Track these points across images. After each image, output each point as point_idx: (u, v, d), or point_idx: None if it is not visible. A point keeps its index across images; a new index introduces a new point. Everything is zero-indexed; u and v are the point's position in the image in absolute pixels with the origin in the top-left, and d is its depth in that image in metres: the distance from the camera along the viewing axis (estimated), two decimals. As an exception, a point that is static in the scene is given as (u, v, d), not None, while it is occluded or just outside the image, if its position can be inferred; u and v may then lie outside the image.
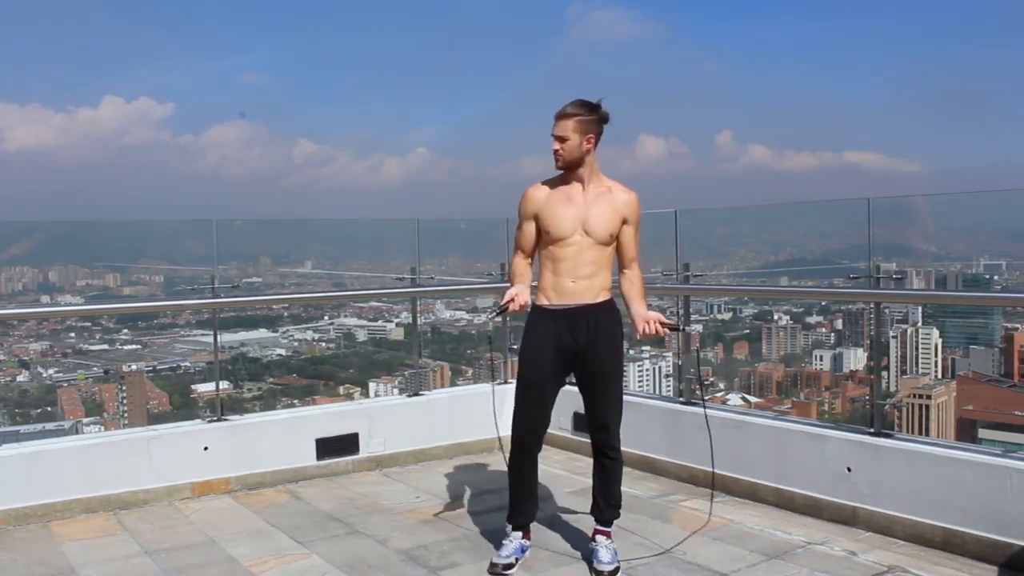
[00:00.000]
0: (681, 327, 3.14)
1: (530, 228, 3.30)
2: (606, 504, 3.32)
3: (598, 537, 3.30)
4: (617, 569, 3.20)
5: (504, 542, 3.30)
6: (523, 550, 3.32)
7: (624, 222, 3.25)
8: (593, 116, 3.17)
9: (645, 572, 3.21)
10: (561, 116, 3.19)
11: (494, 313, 3.44)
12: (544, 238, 3.27)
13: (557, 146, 3.19)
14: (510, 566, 3.23)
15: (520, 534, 3.33)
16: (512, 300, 3.18)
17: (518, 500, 3.33)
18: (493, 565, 3.25)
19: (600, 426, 3.26)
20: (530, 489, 3.33)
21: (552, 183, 3.29)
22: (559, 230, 3.21)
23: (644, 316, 3.23)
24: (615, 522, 3.35)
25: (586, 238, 3.20)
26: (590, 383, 3.26)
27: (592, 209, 3.21)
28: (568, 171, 3.23)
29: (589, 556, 3.29)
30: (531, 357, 3.24)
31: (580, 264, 3.21)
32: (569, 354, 3.21)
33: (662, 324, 3.20)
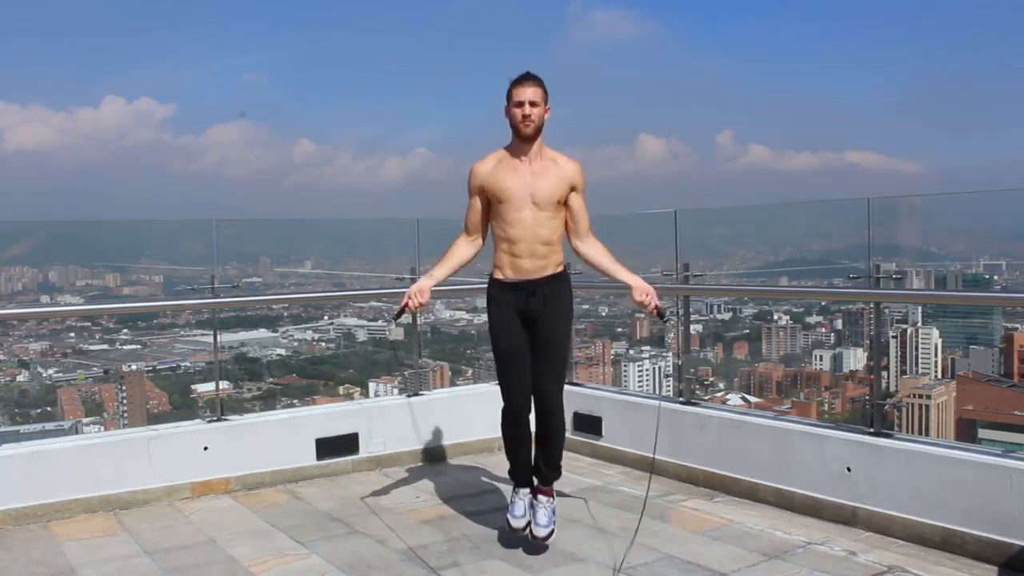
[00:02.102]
0: (667, 318, 3.25)
1: (476, 203, 3.38)
2: (546, 467, 3.46)
3: (539, 496, 3.46)
4: (552, 531, 3.40)
5: (515, 500, 3.48)
6: (532, 505, 3.47)
7: (572, 189, 3.33)
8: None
9: (645, 572, 3.21)
10: (533, 80, 3.25)
11: (393, 318, 3.52)
12: (495, 211, 3.33)
13: (529, 111, 3.22)
14: (527, 526, 3.43)
15: (526, 490, 3.49)
16: (409, 300, 3.31)
17: (518, 462, 3.48)
18: (512, 528, 3.44)
19: (540, 387, 3.36)
20: (528, 449, 3.47)
21: (499, 156, 3.35)
22: (508, 196, 3.27)
23: (644, 287, 3.31)
24: (615, 522, 3.42)
25: (536, 212, 3.27)
26: (538, 347, 3.36)
27: (539, 180, 3.28)
28: (526, 140, 3.27)
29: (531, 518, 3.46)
30: (501, 329, 3.37)
31: (535, 244, 3.28)
32: (527, 320, 3.33)
33: (657, 305, 3.29)
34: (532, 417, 3.43)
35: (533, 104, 3.22)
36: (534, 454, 3.48)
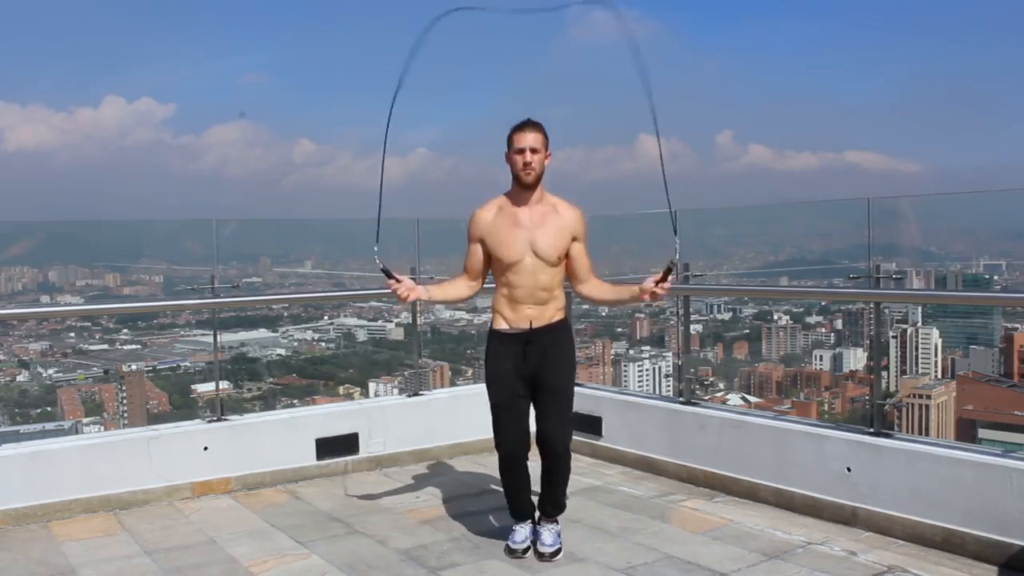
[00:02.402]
0: (672, 264, 3.12)
1: (477, 251, 3.38)
2: (551, 506, 3.47)
3: (543, 521, 3.46)
4: (558, 550, 3.39)
5: (516, 528, 3.46)
6: (535, 530, 3.47)
7: (574, 239, 3.33)
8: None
9: (645, 572, 3.21)
10: (534, 127, 3.24)
11: (382, 268, 3.36)
12: (495, 263, 3.35)
13: (530, 158, 3.21)
14: (528, 549, 3.41)
15: (527, 521, 3.49)
16: (399, 283, 3.25)
17: (517, 503, 3.48)
18: (512, 551, 3.41)
19: (548, 435, 3.35)
20: (526, 490, 3.46)
21: (500, 203, 3.35)
22: (508, 255, 3.28)
23: (644, 288, 3.18)
24: (615, 522, 3.42)
25: (536, 260, 3.27)
26: (541, 396, 3.36)
27: (539, 230, 3.27)
28: (527, 188, 3.27)
29: (534, 538, 3.46)
30: (498, 382, 3.36)
31: (535, 290, 3.29)
32: (527, 371, 3.32)
33: (660, 281, 3.13)
34: (535, 450, 3.42)
35: (534, 151, 3.21)
36: (540, 491, 3.47)
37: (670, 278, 3.17)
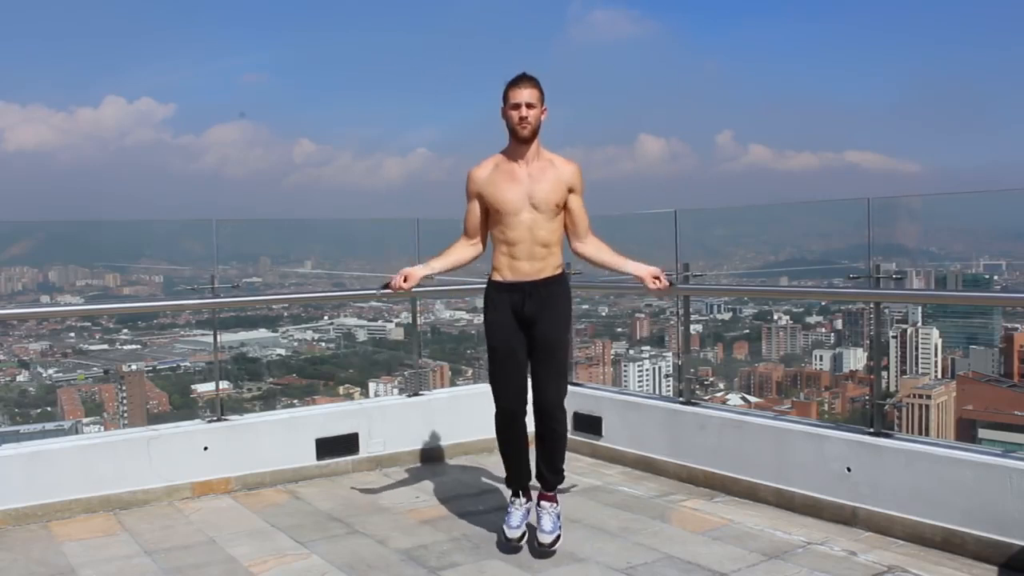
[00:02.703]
0: (674, 282, 3.33)
1: (475, 208, 3.38)
2: (549, 472, 3.44)
3: (542, 503, 3.44)
4: (558, 537, 3.37)
5: (511, 510, 3.44)
6: (528, 513, 3.45)
7: (570, 191, 3.33)
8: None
9: (645, 572, 3.22)
10: (529, 82, 3.25)
11: (377, 288, 3.51)
12: (493, 217, 3.34)
13: (526, 112, 3.22)
14: (523, 536, 3.39)
15: (524, 499, 3.46)
16: (394, 279, 3.31)
17: (514, 466, 3.46)
18: (507, 539, 3.38)
19: (543, 392, 3.35)
20: (523, 452, 3.45)
21: (497, 160, 3.35)
22: (505, 206, 3.27)
23: (651, 271, 3.33)
24: (615, 522, 3.41)
25: (535, 213, 3.27)
26: (537, 350, 3.35)
27: (537, 183, 3.28)
28: (524, 142, 3.27)
29: (533, 524, 3.43)
30: (496, 330, 3.35)
31: (533, 246, 3.29)
32: (525, 322, 3.32)
33: (663, 279, 3.34)
34: (530, 419, 3.42)
35: (530, 106, 3.22)
36: (535, 458, 3.47)
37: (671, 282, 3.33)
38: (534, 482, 3.51)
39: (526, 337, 3.34)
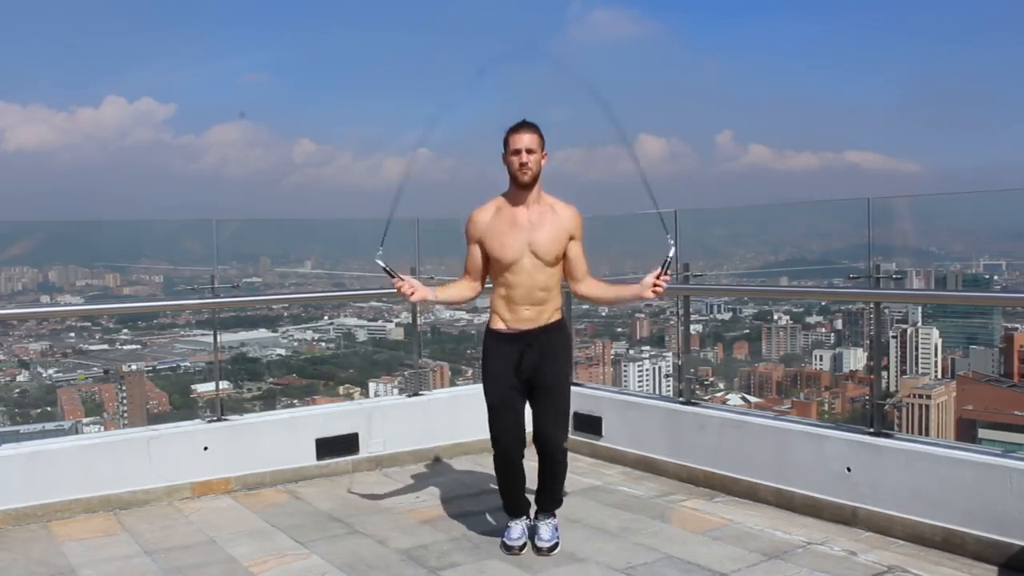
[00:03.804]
0: (668, 259, 3.21)
1: (476, 252, 3.40)
2: (549, 501, 3.51)
3: (540, 515, 3.49)
4: (556, 545, 3.43)
5: (511, 525, 3.48)
6: (527, 529, 3.51)
7: (571, 238, 3.35)
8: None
9: (645, 572, 3.21)
10: (529, 128, 3.26)
11: (384, 267, 3.30)
12: (493, 263, 3.36)
13: (527, 158, 3.23)
14: (524, 546, 3.43)
15: (523, 516, 3.52)
16: (403, 283, 3.23)
17: (513, 501, 3.51)
18: (509, 548, 3.42)
19: (545, 435, 3.39)
20: (521, 488, 3.50)
21: (498, 204, 3.36)
22: (506, 255, 3.29)
23: (645, 284, 3.27)
24: (615, 522, 3.44)
25: (534, 260, 3.29)
26: (538, 396, 3.38)
27: (537, 231, 3.29)
28: (524, 188, 3.28)
29: (532, 534, 3.49)
30: (495, 381, 3.37)
31: (533, 290, 3.30)
32: (524, 372, 3.33)
33: (661, 276, 3.23)
34: (532, 448, 3.45)
35: (530, 151, 3.23)
36: (536, 488, 3.51)
37: (668, 272, 3.25)
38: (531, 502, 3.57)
39: (527, 381, 3.36)
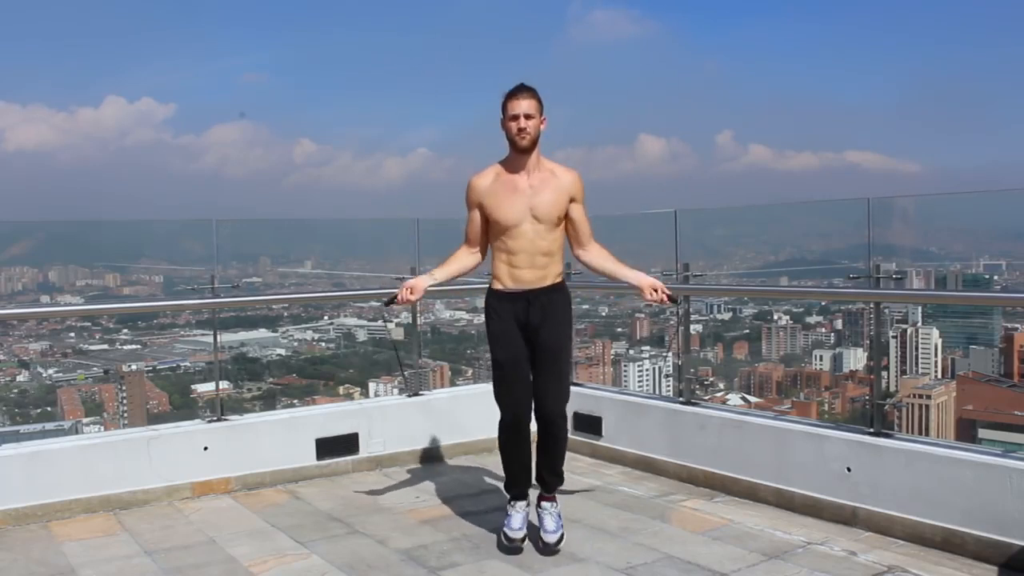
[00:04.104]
0: (678, 300, 3.29)
1: (476, 217, 3.38)
2: (549, 475, 3.47)
3: (543, 503, 3.46)
4: (562, 536, 3.40)
5: (511, 513, 3.45)
6: (528, 516, 3.48)
7: (572, 200, 3.33)
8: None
9: (645, 572, 3.21)
10: (528, 93, 3.25)
11: (383, 303, 3.55)
12: (493, 228, 3.34)
13: (525, 124, 3.22)
14: (524, 538, 3.42)
15: (524, 503, 3.48)
16: (400, 293, 3.32)
17: (516, 471, 3.47)
18: (510, 539, 3.40)
19: (545, 399, 3.36)
20: (525, 462, 3.46)
21: (497, 171, 3.34)
22: (507, 218, 3.28)
23: (650, 283, 3.32)
24: (615, 522, 3.42)
25: (536, 224, 3.27)
26: (539, 358, 3.36)
27: (538, 195, 3.28)
28: (523, 153, 3.27)
29: (537, 524, 3.46)
30: (500, 340, 3.35)
31: (535, 255, 3.30)
32: (527, 330, 3.33)
33: (667, 294, 3.30)
34: (532, 425, 3.43)
35: (528, 116, 3.22)
36: (535, 463, 3.48)
37: (669, 300, 3.31)
38: (533, 483, 3.52)
39: (528, 344, 3.35)
